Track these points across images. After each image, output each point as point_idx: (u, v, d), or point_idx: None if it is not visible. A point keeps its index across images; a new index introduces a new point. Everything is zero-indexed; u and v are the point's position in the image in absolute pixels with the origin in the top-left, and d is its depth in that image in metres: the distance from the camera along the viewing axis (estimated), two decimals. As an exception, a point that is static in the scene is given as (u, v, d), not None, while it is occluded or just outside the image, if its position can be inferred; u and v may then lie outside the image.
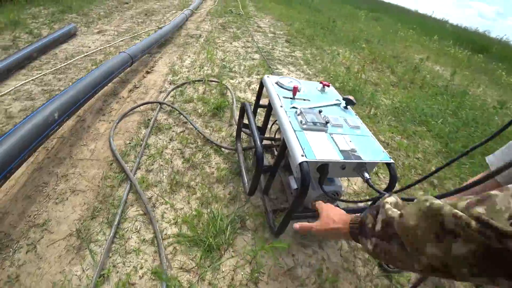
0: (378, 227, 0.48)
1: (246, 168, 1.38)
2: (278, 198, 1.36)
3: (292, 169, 1.03)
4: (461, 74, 5.04)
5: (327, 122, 1.02)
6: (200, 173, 1.43)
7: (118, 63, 1.87)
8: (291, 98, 1.18)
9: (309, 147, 0.91)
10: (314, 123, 1.01)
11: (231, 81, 2.43)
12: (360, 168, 0.93)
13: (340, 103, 1.23)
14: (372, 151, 0.98)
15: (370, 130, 1.12)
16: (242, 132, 1.55)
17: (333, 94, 1.33)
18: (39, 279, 0.91)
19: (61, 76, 2.14)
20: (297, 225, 0.71)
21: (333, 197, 0.99)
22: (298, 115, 1.05)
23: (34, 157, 1.36)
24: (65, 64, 2.32)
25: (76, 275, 0.93)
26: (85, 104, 1.55)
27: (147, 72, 2.38)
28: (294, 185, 1.11)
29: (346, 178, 1.56)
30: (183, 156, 1.52)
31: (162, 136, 1.64)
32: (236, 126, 1.61)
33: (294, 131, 0.97)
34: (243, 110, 1.35)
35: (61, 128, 1.46)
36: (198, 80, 2.25)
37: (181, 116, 1.82)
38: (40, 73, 2.11)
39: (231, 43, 3.58)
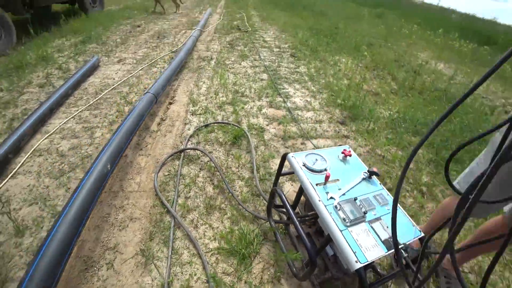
0: None
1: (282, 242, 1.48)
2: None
3: (341, 260, 1.18)
4: (464, 71, 5.20)
5: (364, 213, 1.13)
6: (227, 196, 1.76)
7: (146, 105, 2.21)
8: (323, 183, 1.25)
9: (359, 249, 1.02)
10: (356, 218, 1.10)
11: (244, 106, 2.76)
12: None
13: (366, 176, 1.33)
14: (405, 228, 1.12)
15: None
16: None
17: (355, 163, 1.42)
18: (121, 289, 1.26)
19: (95, 112, 2.50)
20: None
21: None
22: (339, 210, 1.14)
23: (96, 192, 1.72)
24: (96, 99, 2.69)
25: (148, 283, 1.28)
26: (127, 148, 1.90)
27: (170, 103, 2.73)
28: (330, 252, 1.24)
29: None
30: (213, 183, 1.85)
31: (193, 166, 1.98)
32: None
33: (341, 231, 1.06)
34: (273, 193, 1.43)
35: (113, 166, 1.81)
36: (220, 123, 2.47)
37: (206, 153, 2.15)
38: (77, 110, 2.48)
39: (240, 64, 3.90)
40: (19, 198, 1.65)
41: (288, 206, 1.27)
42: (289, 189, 1.89)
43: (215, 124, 2.42)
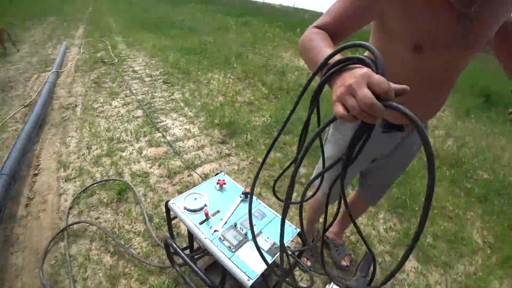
0: None
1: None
2: None
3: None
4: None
5: (245, 234, 1.27)
6: (128, 258, 1.76)
7: (1, 192, 1.93)
8: (205, 220, 1.37)
9: (248, 268, 1.16)
10: (239, 242, 1.25)
11: (123, 154, 2.70)
12: None
13: (242, 198, 1.50)
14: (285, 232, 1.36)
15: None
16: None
17: (232, 188, 1.58)
18: None
19: None
20: None
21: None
22: (223, 240, 1.26)
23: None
24: None
25: None
26: None
27: (35, 175, 2.43)
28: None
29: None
30: (109, 251, 1.80)
31: (82, 240, 1.87)
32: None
33: (229, 258, 1.20)
34: (167, 244, 1.49)
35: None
36: (99, 182, 2.35)
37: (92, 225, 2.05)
38: None
39: (110, 104, 3.72)
40: None
41: (181, 252, 1.37)
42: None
43: (95, 185, 2.31)
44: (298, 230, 1.35)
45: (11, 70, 4.99)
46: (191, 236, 1.60)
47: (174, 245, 1.43)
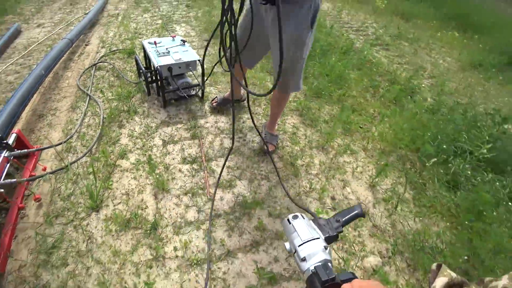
0: None
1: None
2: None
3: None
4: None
5: (168, 52, 2.50)
6: (122, 80, 3.02)
7: (63, 46, 3.28)
8: (154, 46, 2.60)
9: (160, 61, 2.35)
10: (163, 52, 2.48)
11: (139, 39, 3.93)
12: (187, 66, 2.47)
13: (180, 44, 2.68)
14: (191, 56, 2.49)
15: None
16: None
17: (178, 40, 2.73)
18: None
19: (29, 58, 3.51)
20: None
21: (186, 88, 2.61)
22: (156, 51, 2.48)
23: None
24: (27, 51, 3.66)
25: (75, 117, 2.56)
26: (56, 66, 3.02)
27: (86, 45, 3.82)
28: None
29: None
30: (114, 75, 3.09)
31: (102, 71, 3.18)
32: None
33: (155, 57, 2.42)
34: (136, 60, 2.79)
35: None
36: (119, 50, 3.67)
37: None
38: (13, 59, 3.48)
39: (142, 16, 4.95)
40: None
41: (139, 61, 2.67)
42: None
43: (117, 51, 3.59)
44: (199, 58, 2.46)
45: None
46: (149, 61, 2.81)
47: (138, 60, 2.66)
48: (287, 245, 0.74)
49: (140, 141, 2.29)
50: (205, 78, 2.65)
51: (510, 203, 1.93)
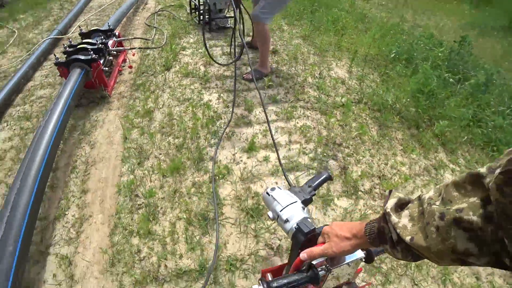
0: (398, 246, 0.48)
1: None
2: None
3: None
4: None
5: None
6: (179, 20, 4.16)
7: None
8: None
9: None
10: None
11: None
12: (226, 3, 3.59)
13: None
14: None
15: None
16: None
17: None
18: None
19: (103, 13, 4.77)
20: (304, 254, 0.64)
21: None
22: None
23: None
24: (102, 8, 4.93)
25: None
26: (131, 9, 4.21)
27: (146, 4, 5.05)
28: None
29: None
30: (172, 18, 4.24)
31: (160, 17, 4.35)
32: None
33: None
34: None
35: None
36: (173, 5, 4.88)
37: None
38: (95, 12, 4.75)
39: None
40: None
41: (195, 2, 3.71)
42: None
43: (170, 6, 4.78)
44: None
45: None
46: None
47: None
48: (270, 214, 0.80)
49: (194, 44, 3.40)
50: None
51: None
